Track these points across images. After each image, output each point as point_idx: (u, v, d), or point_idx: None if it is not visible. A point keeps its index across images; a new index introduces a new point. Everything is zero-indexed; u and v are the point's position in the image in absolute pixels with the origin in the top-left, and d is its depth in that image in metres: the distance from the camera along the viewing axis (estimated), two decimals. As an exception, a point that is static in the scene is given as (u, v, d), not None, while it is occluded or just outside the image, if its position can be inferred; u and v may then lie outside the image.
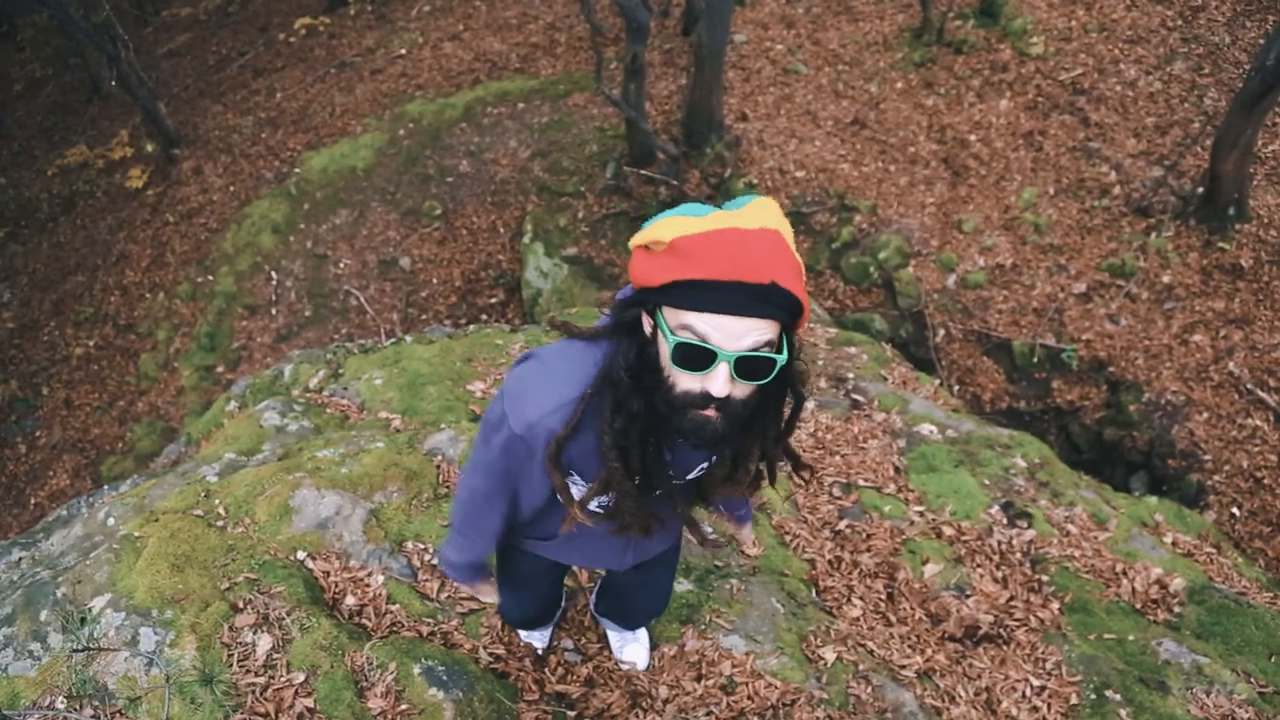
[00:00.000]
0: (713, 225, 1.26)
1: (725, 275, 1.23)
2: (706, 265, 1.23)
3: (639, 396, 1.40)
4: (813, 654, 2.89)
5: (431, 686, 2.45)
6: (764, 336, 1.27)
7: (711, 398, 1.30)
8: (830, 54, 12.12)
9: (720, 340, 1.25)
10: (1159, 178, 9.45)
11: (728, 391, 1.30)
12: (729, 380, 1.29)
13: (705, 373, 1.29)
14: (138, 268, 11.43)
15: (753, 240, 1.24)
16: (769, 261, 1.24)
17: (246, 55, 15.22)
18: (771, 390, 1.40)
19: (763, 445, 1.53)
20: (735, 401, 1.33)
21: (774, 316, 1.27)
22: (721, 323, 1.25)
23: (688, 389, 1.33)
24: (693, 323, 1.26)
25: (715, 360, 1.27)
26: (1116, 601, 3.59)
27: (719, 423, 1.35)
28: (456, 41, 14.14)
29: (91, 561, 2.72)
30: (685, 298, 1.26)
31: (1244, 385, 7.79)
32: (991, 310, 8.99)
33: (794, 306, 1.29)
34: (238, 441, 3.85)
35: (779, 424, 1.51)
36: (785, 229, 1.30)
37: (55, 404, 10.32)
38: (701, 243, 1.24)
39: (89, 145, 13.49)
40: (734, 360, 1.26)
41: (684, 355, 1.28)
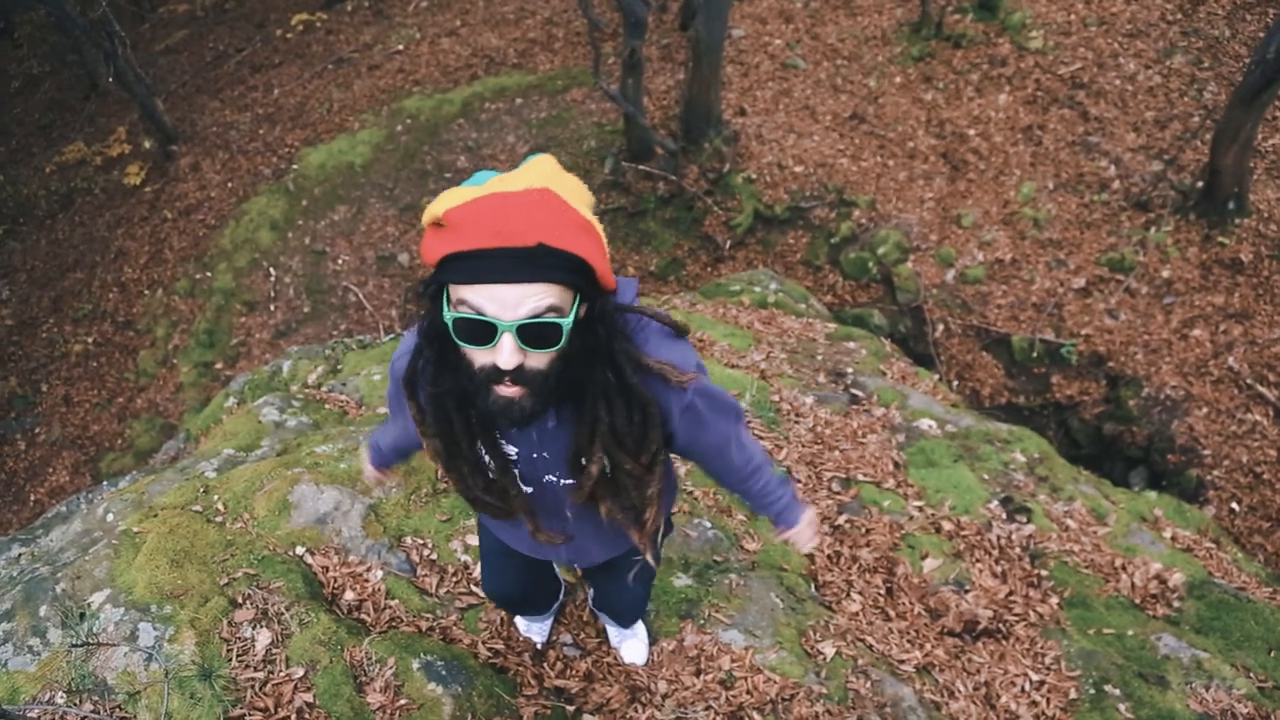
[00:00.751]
0: (479, 193, 1.23)
1: (489, 242, 1.19)
2: (472, 235, 1.20)
3: (449, 371, 1.38)
4: (812, 649, 2.89)
5: (430, 681, 2.45)
6: (544, 301, 1.22)
7: (503, 371, 1.27)
8: (828, 48, 12.10)
9: (496, 310, 1.22)
10: (1158, 172, 9.44)
11: (517, 361, 1.26)
12: (517, 350, 1.25)
13: (490, 346, 1.25)
14: (136, 264, 11.42)
15: (516, 202, 1.21)
16: (533, 222, 1.19)
17: (244, 51, 15.19)
18: (581, 362, 1.35)
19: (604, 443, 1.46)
20: (533, 372, 1.30)
21: (550, 279, 1.22)
22: (494, 292, 1.21)
23: (483, 364, 1.30)
24: (467, 296, 1.23)
25: (496, 332, 1.23)
26: (1116, 596, 3.59)
27: (523, 399, 1.31)
28: (454, 37, 14.11)
29: (91, 557, 2.71)
30: (457, 271, 1.23)
31: (1243, 380, 7.79)
32: (990, 305, 8.98)
33: (574, 265, 1.24)
34: (236, 437, 3.85)
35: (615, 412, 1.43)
36: (562, 185, 1.26)
37: (54, 401, 10.31)
38: (466, 212, 1.21)
39: (86, 142, 13.47)
40: (515, 329, 1.23)
41: (464, 329, 1.26)
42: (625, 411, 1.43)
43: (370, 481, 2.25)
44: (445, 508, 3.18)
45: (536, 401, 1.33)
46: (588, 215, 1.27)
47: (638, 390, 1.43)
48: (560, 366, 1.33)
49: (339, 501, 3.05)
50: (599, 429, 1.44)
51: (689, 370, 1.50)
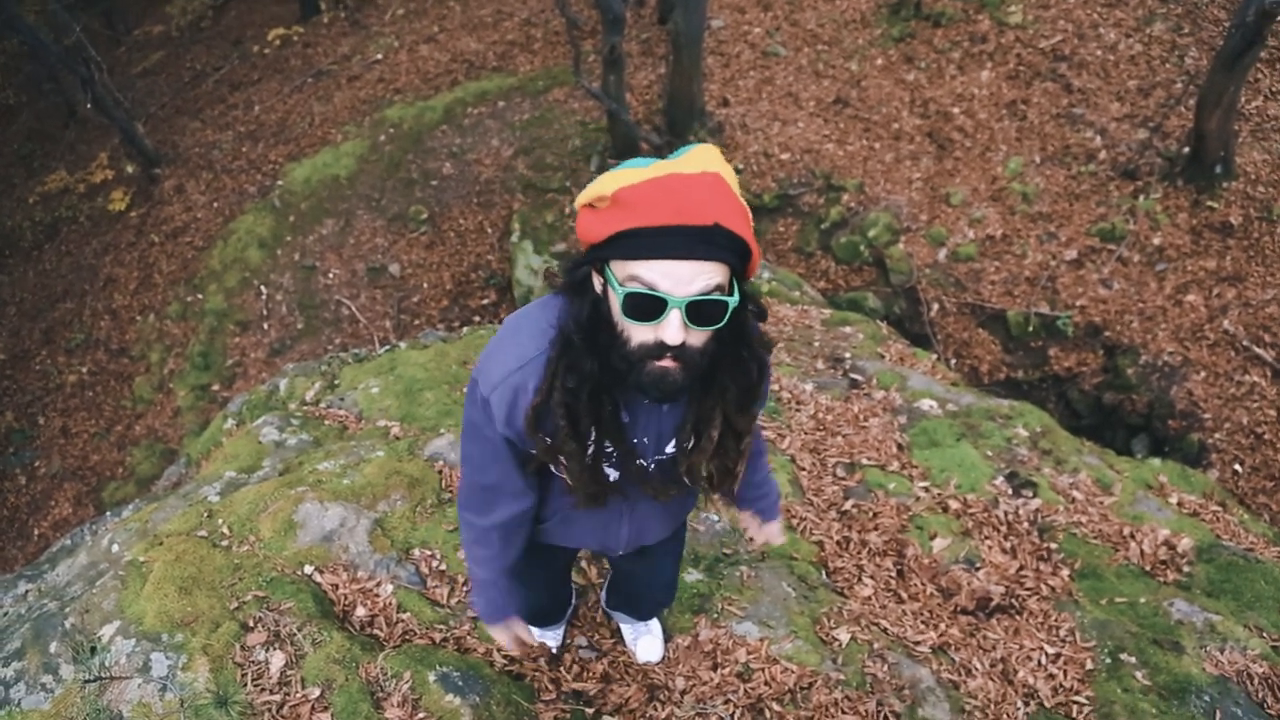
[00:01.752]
0: (653, 174, 1.26)
1: (668, 220, 1.22)
2: (649, 212, 1.23)
3: (593, 356, 1.39)
4: (827, 636, 2.88)
5: (448, 693, 2.44)
6: (713, 280, 1.26)
7: (667, 346, 1.29)
8: (808, 34, 12.08)
9: (669, 286, 1.25)
10: (1144, 140, 9.44)
11: (682, 338, 1.28)
12: (682, 327, 1.28)
13: (658, 322, 1.28)
14: (126, 291, 11.38)
15: (694, 184, 1.25)
16: (711, 203, 1.23)
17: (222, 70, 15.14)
18: (728, 341, 1.40)
19: (724, 409, 1.50)
20: (692, 349, 1.32)
21: (721, 258, 1.26)
22: (668, 268, 1.24)
23: (643, 340, 1.32)
24: (640, 272, 1.26)
25: (666, 308, 1.26)
26: (1126, 565, 3.59)
27: (678, 373, 1.33)
28: (432, 43, 14.07)
29: (98, 590, 2.70)
30: (630, 247, 1.26)
31: (1240, 342, 7.80)
32: (984, 282, 8.98)
33: (741, 249, 1.28)
34: (237, 459, 3.83)
35: (741, 384, 1.49)
36: (727, 172, 1.30)
37: (52, 433, 10.28)
38: (642, 191, 1.24)
39: (69, 170, 13.42)
40: (684, 305, 1.26)
41: (634, 305, 1.28)
42: (752, 380, 1.49)
43: (527, 649, 2.09)
44: (451, 517, 3.17)
45: (688, 377, 1.36)
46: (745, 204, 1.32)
47: (764, 359, 1.51)
48: (713, 345, 1.37)
49: (344, 518, 3.04)
50: (727, 397, 1.49)
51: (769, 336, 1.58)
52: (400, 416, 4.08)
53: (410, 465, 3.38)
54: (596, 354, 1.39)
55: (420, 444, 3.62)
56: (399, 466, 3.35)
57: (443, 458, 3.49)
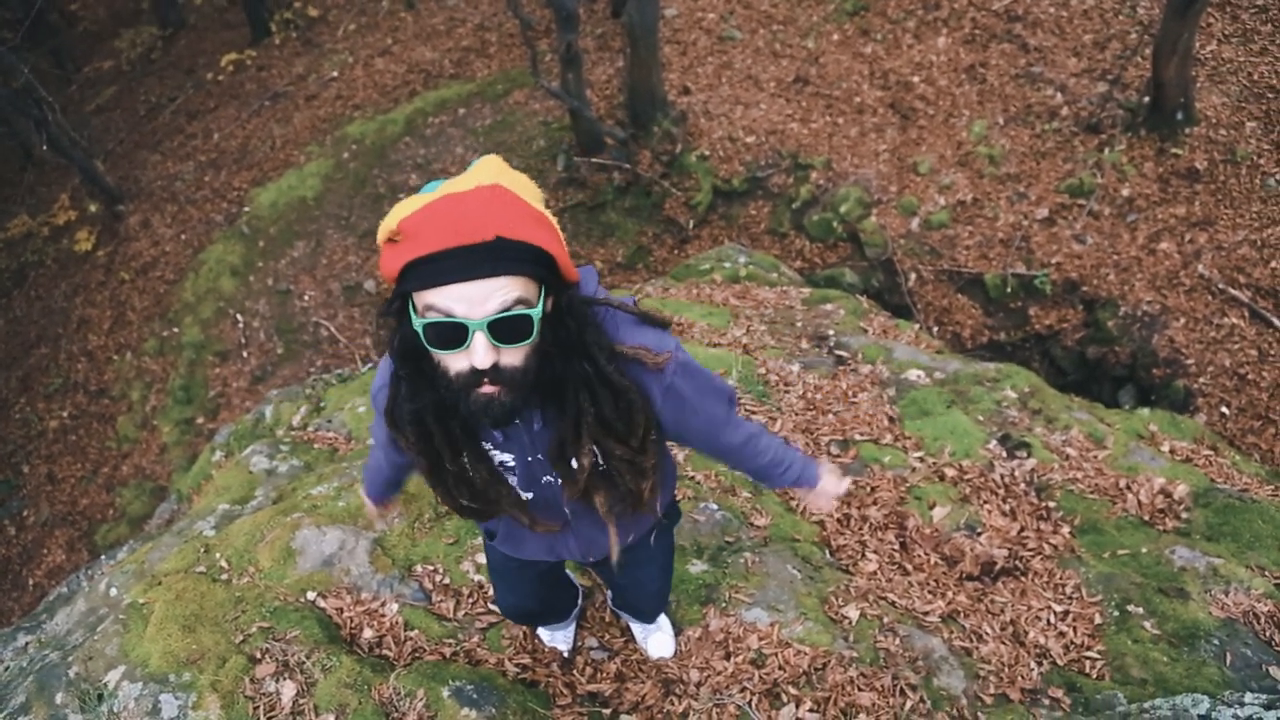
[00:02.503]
0: (429, 199, 1.24)
1: (447, 243, 1.20)
2: (428, 239, 1.20)
3: (425, 386, 1.38)
4: (836, 615, 2.89)
5: (463, 707, 2.42)
6: (510, 294, 1.23)
7: (480, 371, 1.27)
8: (763, 15, 12.07)
9: (465, 310, 1.22)
10: (1104, 93, 9.50)
11: (492, 359, 1.26)
12: (490, 349, 1.26)
13: (464, 348, 1.26)
14: (100, 331, 11.25)
15: (467, 201, 1.22)
16: (488, 217, 1.20)
17: (177, 100, 14.96)
18: (563, 354, 1.37)
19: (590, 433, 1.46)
20: (510, 369, 1.30)
21: (513, 271, 1.23)
22: (459, 292, 1.21)
23: (459, 369, 1.30)
24: (433, 300, 1.24)
25: (468, 333, 1.24)
26: (1125, 516, 3.61)
27: (503, 396, 1.31)
28: (387, 56, 13.97)
29: (100, 635, 2.67)
30: (419, 277, 1.23)
31: (1216, 286, 7.87)
32: (959, 247, 9.02)
33: (535, 256, 1.25)
34: (229, 491, 3.80)
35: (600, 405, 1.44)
36: (511, 180, 1.28)
37: (38, 480, 10.16)
38: (420, 218, 1.22)
39: (31, 214, 13.24)
40: (485, 325, 1.23)
41: (435, 334, 1.26)
42: (610, 400, 1.44)
43: (373, 516, 2.25)
44: (450, 530, 3.15)
45: (516, 398, 1.33)
46: (540, 208, 1.28)
47: (615, 378, 1.44)
48: (535, 362, 1.33)
49: (343, 541, 3.01)
50: (584, 420, 1.44)
51: (664, 350, 1.50)
52: (390, 433, 4.05)
53: (404, 482, 3.35)
54: (423, 383, 1.38)
55: (412, 459, 3.59)
56: (393, 484, 3.32)
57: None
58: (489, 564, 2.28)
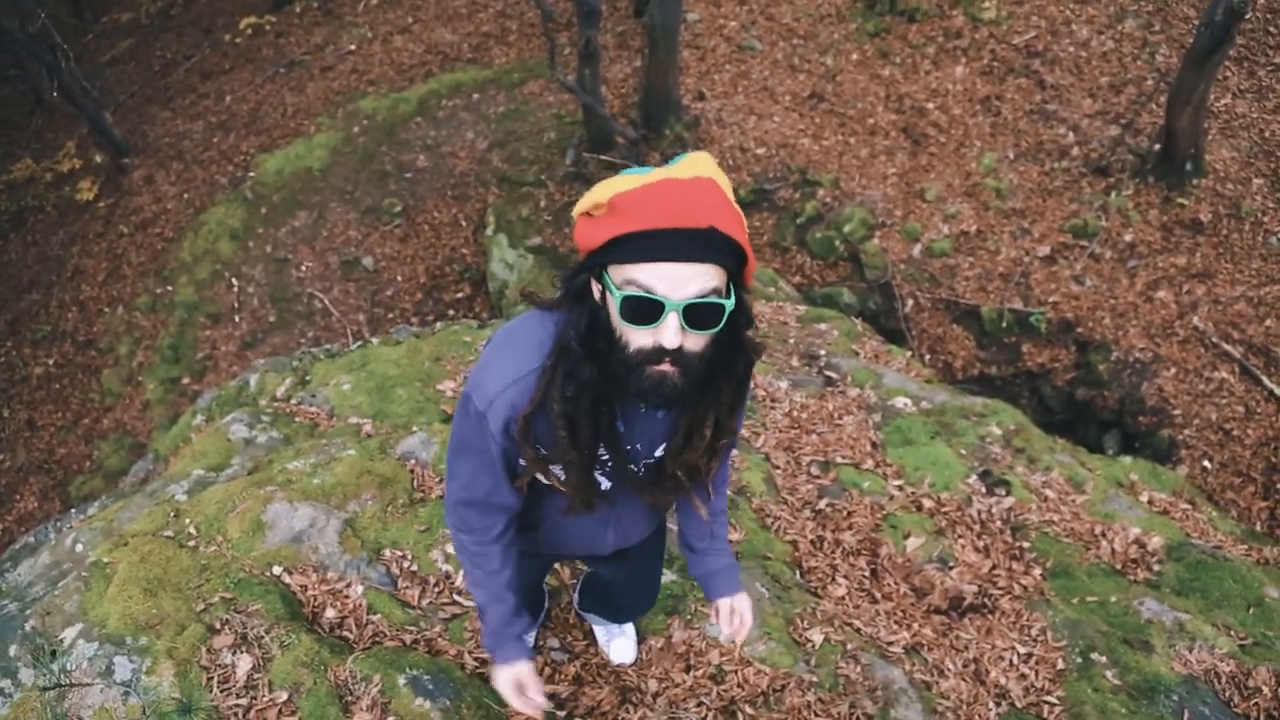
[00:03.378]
0: (648, 180, 1.28)
1: (663, 223, 1.24)
2: (644, 216, 1.25)
3: (592, 363, 1.39)
4: (800, 637, 2.88)
5: (418, 696, 2.41)
6: (710, 283, 1.27)
7: (665, 350, 1.30)
8: (784, 28, 12.07)
9: (666, 289, 1.25)
10: (1116, 137, 9.53)
11: (679, 342, 1.29)
12: (680, 330, 1.29)
13: (655, 325, 1.29)
14: (94, 282, 11.19)
15: (688, 188, 1.26)
16: (705, 207, 1.25)
17: (193, 58, 14.89)
18: (724, 345, 1.41)
19: (717, 412, 1.52)
20: (689, 354, 1.33)
21: (717, 261, 1.27)
22: (665, 271, 1.25)
23: (641, 345, 1.32)
24: (637, 276, 1.27)
25: (664, 311, 1.27)
26: (1097, 563, 3.62)
27: (676, 377, 1.34)
28: (407, 34, 13.93)
29: (60, 591, 2.64)
30: (627, 252, 1.27)
31: (1209, 339, 7.90)
32: (958, 277, 9.04)
33: (736, 252, 1.30)
34: (205, 457, 3.77)
35: (733, 388, 1.51)
36: (721, 179, 1.32)
37: (17, 426, 10.09)
38: (638, 196, 1.26)
39: (35, 159, 13.14)
40: (682, 308, 1.27)
41: (632, 309, 1.28)
42: (738, 378, 1.51)
43: (525, 693, 1.80)
44: (423, 517, 3.13)
45: (686, 382, 1.36)
46: (740, 211, 1.33)
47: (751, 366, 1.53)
48: (711, 350, 1.37)
49: (314, 518, 2.99)
50: (722, 399, 1.50)
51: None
52: (372, 414, 4.04)
53: (382, 464, 3.34)
54: (595, 361, 1.39)
55: (392, 442, 3.57)
56: (370, 465, 3.31)
57: (415, 456, 3.45)
58: None
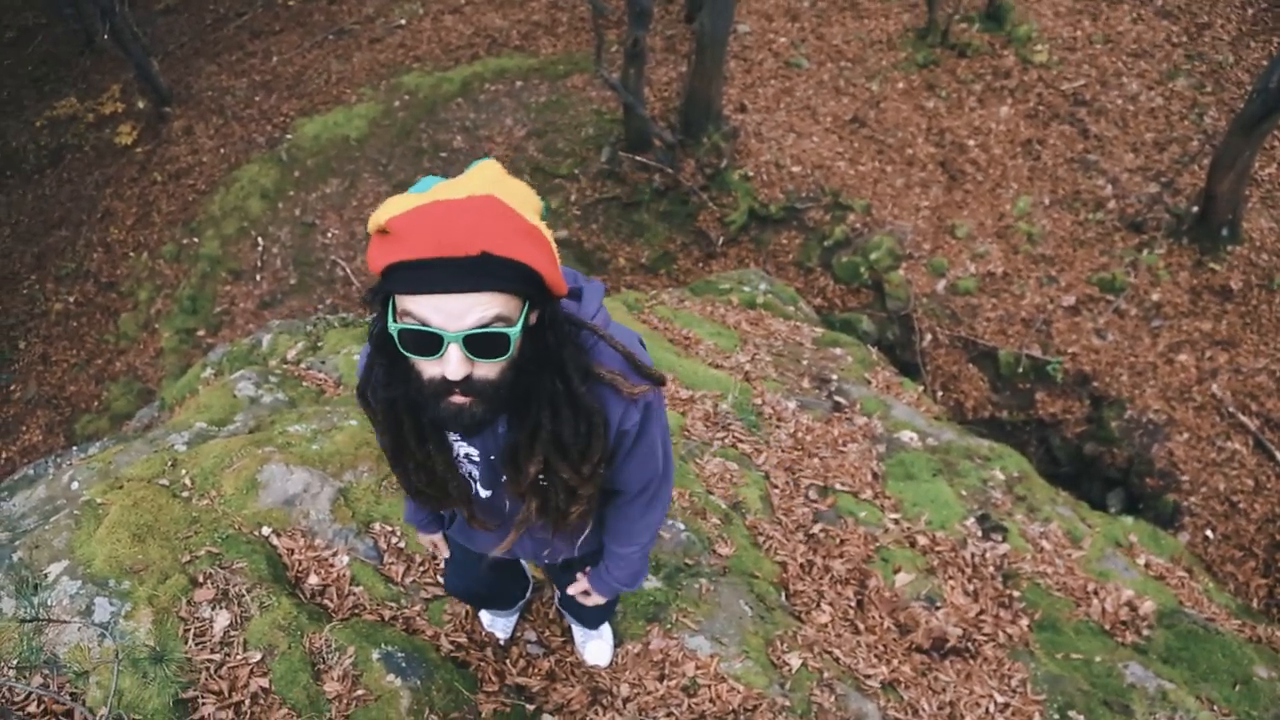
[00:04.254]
0: (420, 201, 1.19)
1: (429, 252, 1.16)
2: (412, 244, 1.17)
3: (400, 379, 1.36)
4: (778, 659, 2.86)
5: (390, 673, 2.41)
6: (490, 311, 1.20)
7: (453, 382, 1.25)
8: (833, 50, 12.04)
9: (441, 321, 1.19)
10: (1155, 194, 9.45)
11: (465, 372, 1.23)
12: (464, 361, 1.23)
13: (438, 356, 1.23)
14: (123, 225, 11.27)
15: (458, 211, 1.17)
16: (477, 231, 1.16)
17: (245, 16, 14.98)
18: (529, 367, 1.33)
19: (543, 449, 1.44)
20: (483, 382, 1.27)
21: (494, 288, 1.19)
22: (438, 303, 1.18)
23: (431, 375, 1.27)
24: (412, 307, 1.21)
25: (443, 344, 1.21)
26: (1086, 621, 3.58)
27: (474, 407, 1.29)
28: (457, 15, 13.97)
29: (51, 526, 2.66)
30: (400, 281, 1.20)
31: (1226, 408, 7.81)
32: (980, 317, 8.98)
33: (521, 274, 1.21)
34: (210, 410, 3.79)
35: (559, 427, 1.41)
36: (506, 190, 1.22)
37: (32, 359, 10.18)
38: (407, 221, 1.18)
39: (79, 98, 13.27)
40: (461, 339, 1.20)
41: (410, 341, 1.23)
42: (571, 420, 1.42)
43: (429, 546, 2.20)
44: (417, 495, 3.13)
45: (487, 409, 1.31)
46: (534, 221, 1.23)
47: (583, 399, 1.41)
48: (511, 375, 1.30)
49: (308, 483, 3.00)
50: (540, 434, 1.42)
51: (641, 385, 1.48)
52: (379, 387, 4.04)
53: (382, 438, 3.34)
54: (400, 378, 1.36)
55: (395, 417, 3.57)
56: (370, 438, 3.31)
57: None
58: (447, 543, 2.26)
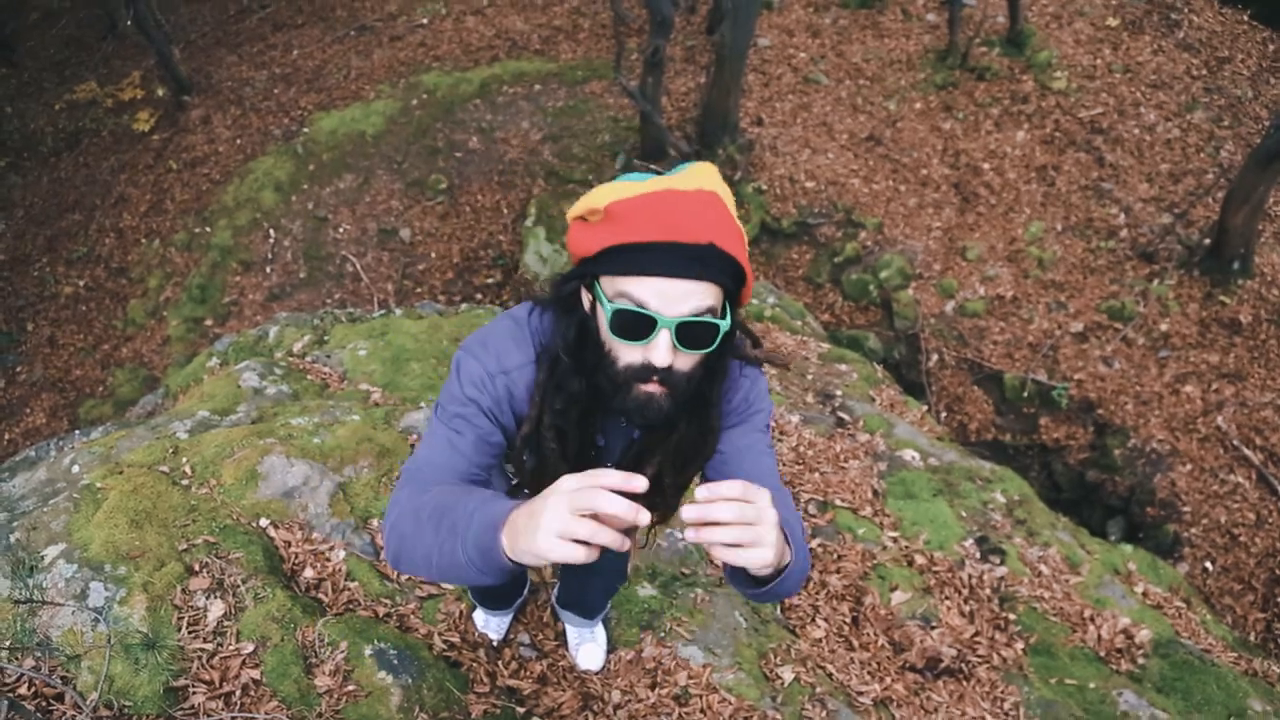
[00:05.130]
0: (648, 189, 1.21)
1: (661, 236, 1.18)
2: (641, 228, 1.18)
3: (580, 376, 1.34)
4: (771, 672, 2.85)
5: (381, 670, 2.41)
6: (705, 302, 1.21)
7: (654, 369, 1.24)
8: (852, 67, 12.06)
9: (659, 305, 1.20)
10: (1167, 225, 9.43)
11: (669, 361, 1.23)
12: (671, 349, 1.23)
13: (646, 342, 1.23)
14: (136, 212, 11.32)
15: (689, 201, 1.20)
16: (706, 222, 1.19)
17: (268, 8, 15.07)
18: (716, 366, 1.35)
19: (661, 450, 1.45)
20: (679, 374, 1.27)
21: (714, 279, 1.21)
22: (660, 286, 1.19)
23: (630, 362, 1.26)
24: (630, 289, 1.21)
25: (655, 327, 1.21)
26: (1081, 647, 3.57)
27: (663, 399, 1.28)
28: (479, 16, 14.03)
29: (50, 509, 2.66)
30: (621, 263, 1.21)
31: (1230, 441, 7.78)
32: (987, 340, 8.96)
33: (735, 271, 1.24)
34: (213, 400, 3.80)
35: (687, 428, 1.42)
36: (725, 193, 1.26)
37: (39, 341, 10.22)
38: (636, 205, 1.20)
39: (99, 83, 13.34)
40: (675, 326, 1.21)
41: (622, 323, 1.23)
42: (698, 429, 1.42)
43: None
44: (416, 493, 3.13)
45: (674, 404, 1.30)
46: (742, 227, 1.26)
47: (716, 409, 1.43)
48: (701, 372, 1.31)
49: (308, 476, 3.00)
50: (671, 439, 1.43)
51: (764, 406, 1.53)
52: (383, 383, 4.05)
53: (384, 434, 3.35)
54: (584, 374, 1.34)
55: (398, 414, 3.58)
56: (372, 434, 3.31)
57: (418, 431, 3.45)
58: None
